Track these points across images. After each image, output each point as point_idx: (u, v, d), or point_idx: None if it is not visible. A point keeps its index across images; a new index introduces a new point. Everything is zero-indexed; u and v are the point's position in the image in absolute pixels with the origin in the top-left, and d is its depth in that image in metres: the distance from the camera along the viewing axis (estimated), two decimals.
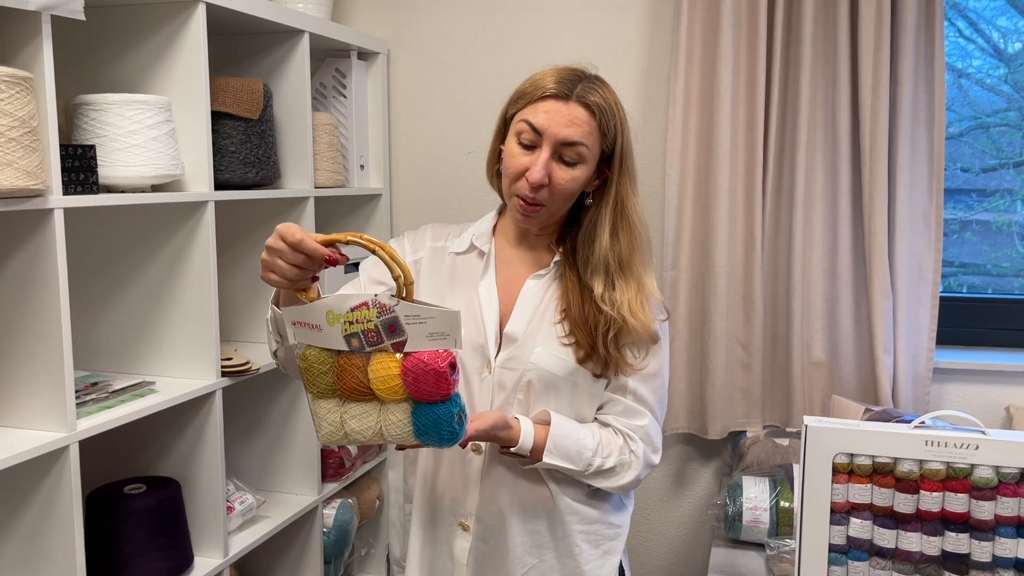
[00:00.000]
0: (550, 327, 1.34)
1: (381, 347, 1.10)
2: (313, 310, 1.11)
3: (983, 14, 2.29)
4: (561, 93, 1.27)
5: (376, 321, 1.08)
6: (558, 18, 2.32)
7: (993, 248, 2.35)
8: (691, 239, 2.19)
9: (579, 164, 1.28)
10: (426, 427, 1.10)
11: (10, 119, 1.22)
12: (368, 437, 1.14)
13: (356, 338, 1.10)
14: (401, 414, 1.11)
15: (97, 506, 1.61)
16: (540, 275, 1.37)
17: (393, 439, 1.13)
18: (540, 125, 1.26)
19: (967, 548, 1.29)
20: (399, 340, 1.08)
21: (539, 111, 1.27)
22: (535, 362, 1.32)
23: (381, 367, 1.09)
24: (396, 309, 1.07)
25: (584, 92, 1.28)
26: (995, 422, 2.16)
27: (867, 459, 1.31)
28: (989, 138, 2.31)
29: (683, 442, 2.36)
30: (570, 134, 1.26)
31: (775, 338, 2.20)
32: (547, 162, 1.26)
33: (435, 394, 1.08)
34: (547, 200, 1.29)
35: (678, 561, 2.43)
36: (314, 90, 2.24)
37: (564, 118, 1.26)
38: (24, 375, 1.38)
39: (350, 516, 2.22)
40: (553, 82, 1.28)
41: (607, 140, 1.30)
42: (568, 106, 1.27)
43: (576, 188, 1.30)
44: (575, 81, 1.29)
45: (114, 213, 1.70)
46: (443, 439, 1.11)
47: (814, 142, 2.11)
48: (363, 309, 1.08)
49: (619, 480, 1.35)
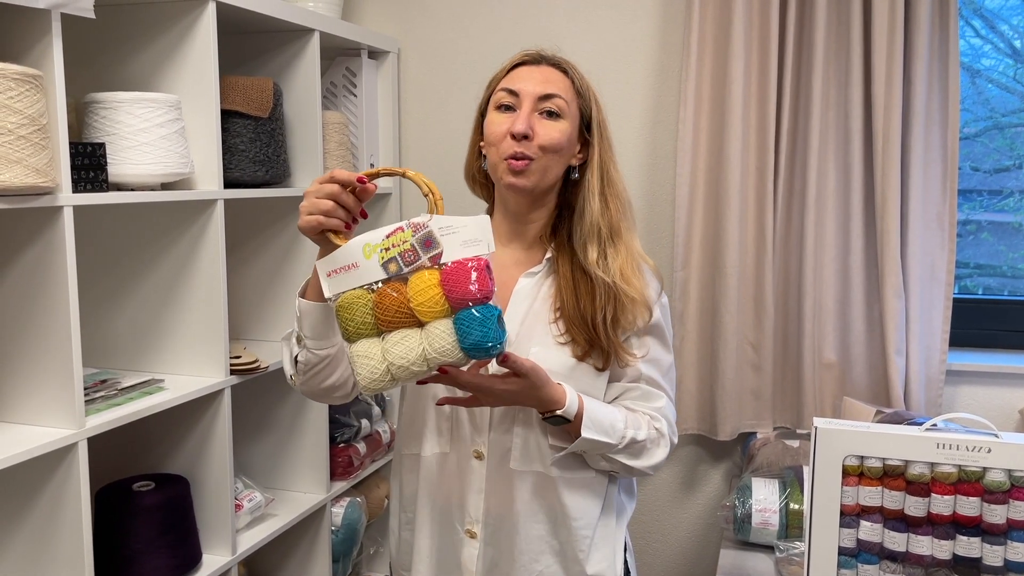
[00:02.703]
0: (545, 326, 1.32)
1: (419, 264, 1.12)
2: (349, 249, 1.13)
3: (999, 13, 2.27)
4: (532, 59, 1.33)
5: (412, 240, 1.12)
6: (569, 17, 2.32)
7: (1010, 249, 2.33)
8: (702, 239, 2.18)
9: (560, 117, 1.29)
10: (470, 330, 1.09)
11: (20, 117, 1.22)
12: (411, 361, 1.11)
13: (394, 262, 1.12)
14: (444, 326, 1.11)
15: (106, 503, 1.62)
16: (533, 273, 1.35)
17: (439, 355, 1.11)
18: (516, 87, 1.29)
19: (979, 552, 1.27)
20: (435, 253, 1.12)
21: (513, 78, 1.31)
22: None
23: (421, 281, 1.11)
24: (430, 224, 1.11)
25: (553, 57, 1.34)
26: (1008, 425, 2.14)
27: (878, 461, 1.29)
28: (1005, 138, 2.29)
29: (693, 443, 2.35)
30: (546, 88, 1.29)
31: (786, 339, 2.19)
32: (528, 115, 1.28)
33: (476, 294, 1.09)
34: (535, 153, 1.28)
35: (687, 562, 2.42)
36: (324, 89, 2.25)
37: (539, 76, 1.30)
38: (33, 372, 1.39)
39: (358, 515, 2.22)
40: (521, 54, 1.34)
41: (584, 101, 1.33)
42: (540, 68, 1.32)
43: (562, 141, 1.29)
44: (543, 52, 1.35)
45: (124, 211, 1.70)
46: (488, 340, 1.09)
47: (826, 142, 2.10)
48: (398, 233, 1.12)
49: (650, 458, 1.34)
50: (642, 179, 2.30)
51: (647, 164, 2.30)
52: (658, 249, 2.30)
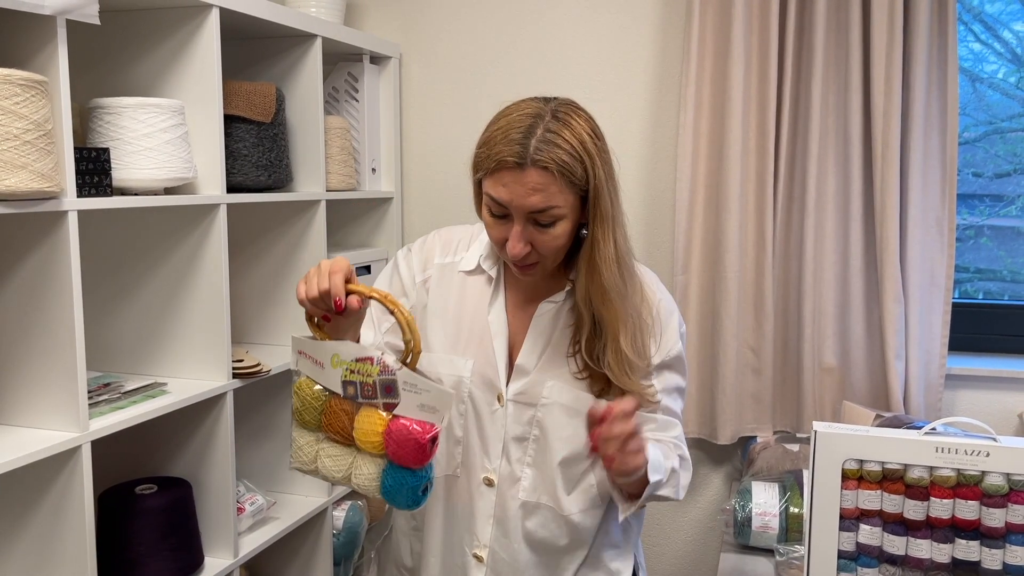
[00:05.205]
0: (563, 360, 1.29)
1: (373, 402, 1.15)
2: (321, 348, 1.16)
3: (999, 18, 2.28)
4: (514, 161, 1.16)
5: (376, 378, 1.13)
6: (569, 22, 2.33)
7: (1009, 254, 2.34)
8: (702, 244, 2.19)
9: (557, 222, 1.20)
10: (392, 488, 1.14)
11: (25, 122, 1.23)
12: (336, 478, 1.19)
13: (353, 386, 1.15)
14: (373, 468, 1.15)
15: (109, 506, 1.63)
16: (553, 301, 1.31)
17: (358, 487, 1.17)
18: (504, 200, 1.18)
19: (977, 556, 1.28)
20: (392, 401, 1.13)
21: (498, 185, 1.18)
22: (548, 396, 1.29)
23: (368, 421, 1.14)
24: (398, 373, 1.12)
25: (539, 150, 1.15)
26: (1008, 429, 2.14)
27: (877, 465, 1.30)
28: (1005, 143, 2.30)
29: (693, 447, 2.35)
30: (536, 202, 1.16)
31: (786, 343, 2.20)
32: (521, 233, 1.19)
33: (411, 461, 1.12)
34: (538, 258, 1.23)
35: (687, 566, 2.42)
36: (326, 94, 2.26)
37: (524, 188, 1.16)
38: (37, 375, 1.39)
39: (360, 518, 2.22)
40: (504, 145, 1.17)
41: (579, 187, 1.19)
42: (525, 173, 1.15)
43: (563, 242, 1.22)
44: (528, 135, 1.16)
45: (127, 215, 1.71)
46: (404, 503, 1.15)
47: (826, 147, 2.10)
48: (367, 363, 1.13)
49: (680, 486, 1.31)
50: (642, 184, 2.31)
51: (647, 169, 2.31)
52: (658, 253, 2.31)
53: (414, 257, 1.40)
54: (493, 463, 1.32)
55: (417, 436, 1.10)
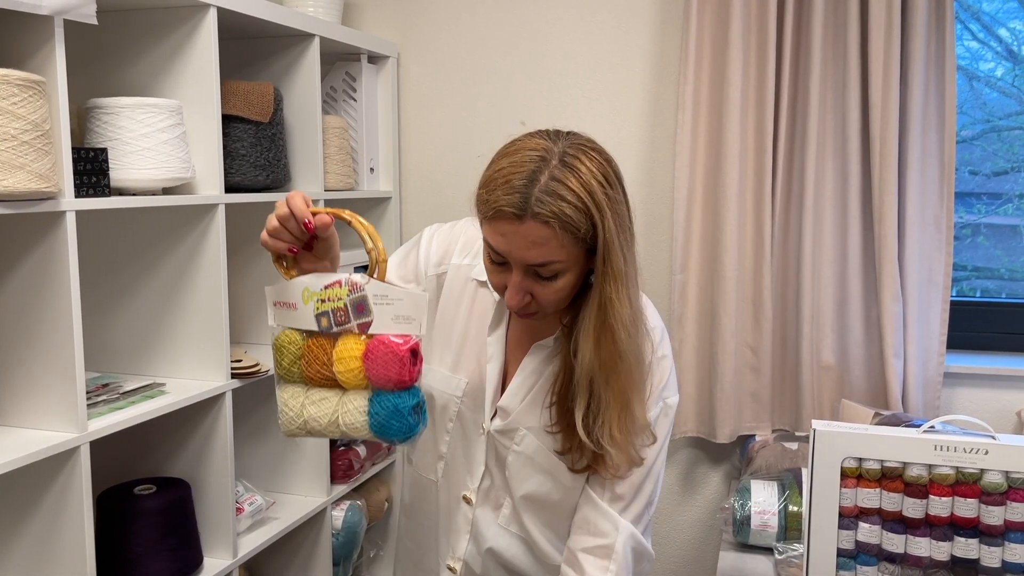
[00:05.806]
0: (541, 410, 1.24)
1: (347, 327, 1.07)
2: (291, 287, 1.09)
3: (997, 16, 2.28)
4: (512, 213, 1.06)
5: (346, 300, 1.06)
6: (568, 21, 2.32)
7: (1007, 252, 2.34)
8: (700, 242, 2.19)
9: (559, 276, 1.11)
10: (382, 417, 1.05)
11: (23, 122, 1.23)
12: (324, 425, 1.09)
13: (325, 317, 1.07)
14: (359, 401, 1.07)
15: (107, 507, 1.62)
16: (543, 346, 1.25)
17: (348, 428, 1.08)
18: (502, 250, 1.10)
19: (976, 553, 1.28)
20: (365, 320, 1.05)
21: (496, 234, 1.09)
22: (519, 445, 1.26)
23: (344, 348, 1.06)
24: (366, 288, 1.04)
25: (541, 202, 1.05)
26: (1006, 427, 2.14)
27: (876, 463, 1.30)
28: (1003, 141, 2.30)
29: (691, 446, 2.36)
30: (534, 256, 1.08)
31: (784, 342, 2.20)
32: (521, 284, 1.11)
33: (394, 380, 1.04)
34: (539, 307, 1.15)
35: (686, 565, 2.42)
36: (324, 93, 2.25)
37: (523, 240, 1.07)
38: (36, 376, 1.39)
39: (359, 518, 2.22)
40: (504, 193, 1.07)
41: (584, 239, 1.08)
42: (524, 225, 1.06)
43: (566, 294, 1.14)
44: (530, 182, 1.05)
45: (125, 216, 1.71)
46: (398, 432, 1.06)
47: (824, 146, 2.10)
48: (336, 287, 1.06)
49: None
50: (640, 183, 2.31)
51: (645, 168, 2.31)
52: (657, 252, 2.31)
53: (435, 245, 1.34)
54: (475, 483, 1.31)
55: (395, 348, 1.02)
